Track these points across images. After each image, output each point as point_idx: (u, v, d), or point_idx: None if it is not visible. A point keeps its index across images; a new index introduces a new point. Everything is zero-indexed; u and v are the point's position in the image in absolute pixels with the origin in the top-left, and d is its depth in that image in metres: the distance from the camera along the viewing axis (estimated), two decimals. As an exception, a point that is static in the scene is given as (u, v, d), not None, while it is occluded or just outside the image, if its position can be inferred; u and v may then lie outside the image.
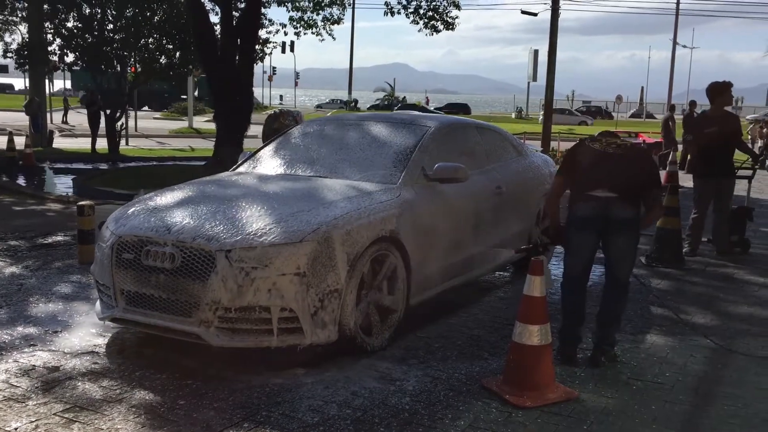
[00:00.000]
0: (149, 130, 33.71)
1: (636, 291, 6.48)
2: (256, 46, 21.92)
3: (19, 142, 18.08)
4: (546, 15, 27.12)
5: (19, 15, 23.29)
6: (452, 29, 18.24)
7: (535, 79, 37.81)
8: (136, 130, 31.71)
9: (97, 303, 4.96)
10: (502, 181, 6.27)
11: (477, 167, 6.07)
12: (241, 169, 6.04)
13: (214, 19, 17.87)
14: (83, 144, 23.29)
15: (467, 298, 6.08)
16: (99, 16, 21.01)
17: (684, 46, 68.76)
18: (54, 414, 3.75)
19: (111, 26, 21.34)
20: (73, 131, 31.68)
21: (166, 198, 5.08)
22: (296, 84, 63.31)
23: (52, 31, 21.15)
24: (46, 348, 4.72)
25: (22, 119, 27.47)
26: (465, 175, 5.38)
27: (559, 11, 23.94)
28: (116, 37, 21.16)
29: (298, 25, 21.55)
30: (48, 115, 35.46)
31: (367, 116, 6.56)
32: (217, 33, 16.56)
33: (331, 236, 4.42)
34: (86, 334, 5.02)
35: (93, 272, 4.99)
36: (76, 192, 13.49)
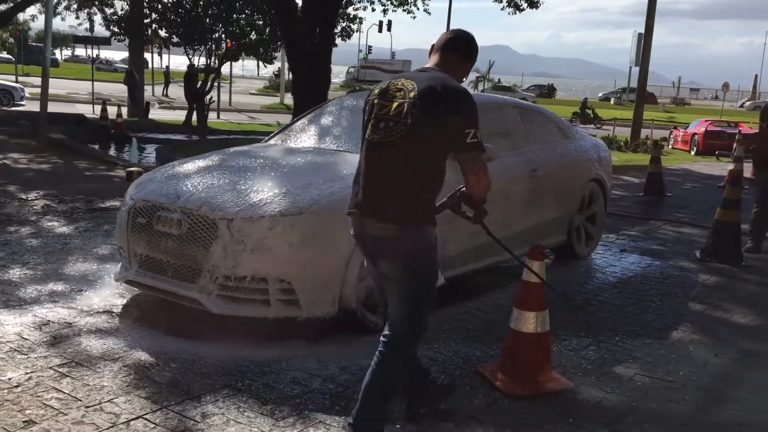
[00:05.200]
0: (243, 105, 34.60)
1: (675, 285, 6.19)
2: (344, 23, 22.05)
3: (113, 111, 18.89)
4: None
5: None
6: (536, 8, 17.70)
7: (637, 63, 36.36)
8: (230, 105, 32.64)
9: (119, 265, 5.13)
10: (540, 164, 6.05)
11: (512, 148, 5.89)
12: (272, 141, 6.08)
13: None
14: (179, 116, 23.98)
15: (493, 282, 5.93)
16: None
17: (806, 33, 64.31)
18: (50, 367, 3.90)
19: (203, 1, 21.91)
20: (172, 104, 32.81)
21: (188, 166, 5.18)
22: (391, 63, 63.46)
23: (148, 5, 21.90)
24: (66, 305, 4.91)
25: (123, 90, 28.69)
26: (488, 155, 5.20)
27: (658, -7, 22.88)
28: (209, 12, 21.70)
29: (388, 2, 21.41)
30: (150, 87, 37.10)
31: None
32: (299, 9, 16.71)
33: (333, 210, 4.37)
34: (109, 294, 5.18)
35: (114, 235, 5.15)
36: (158, 160, 13.96)
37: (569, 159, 6.54)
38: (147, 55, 32.53)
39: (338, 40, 21.71)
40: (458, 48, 3.22)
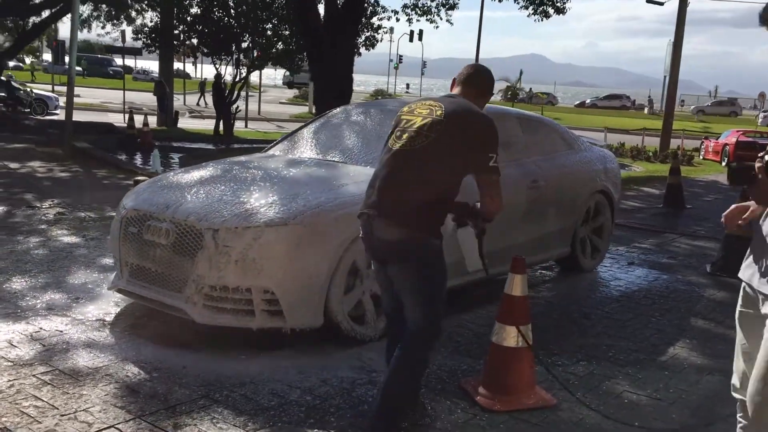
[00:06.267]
0: (271, 114, 34.86)
1: (680, 300, 6.06)
2: (368, 33, 22.11)
3: (140, 120, 19.16)
4: (694, 5, 25.55)
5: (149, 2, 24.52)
6: (563, 14, 17.55)
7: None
8: (259, 114, 32.91)
9: (113, 274, 5.18)
10: (541, 176, 5.98)
11: (511, 159, 5.82)
12: (272, 150, 6.11)
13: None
14: (209, 125, 24.18)
15: (491, 295, 5.84)
16: (221, 1, 21.82)
17: None
18: (33, 375, 3.94)
19: (232, 11, 22.14)
20: (202, 113, 33.16)
21: (183, 176, 5.22)
22: (422, 73, 63.55)
23: (177, 16, 22.21)
24: (61, 313, 4.96)
25: (155, 100, 29.08)
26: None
27: (688, 1, 22.59)
28: (236, 22, 21.93)
29: (411, 12, 21.41)
30: (182, 96, 37.60)
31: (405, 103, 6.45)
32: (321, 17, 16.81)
33: (318, 221, 4.38)
34: (105, 303, 5.23)
35: (108, 244, 5.21)
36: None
37: (573, 170, 6.46)
38: (178, 65, 32.94)
39: (363, 50, 21.81)
40: (476, 84, 3.50)
